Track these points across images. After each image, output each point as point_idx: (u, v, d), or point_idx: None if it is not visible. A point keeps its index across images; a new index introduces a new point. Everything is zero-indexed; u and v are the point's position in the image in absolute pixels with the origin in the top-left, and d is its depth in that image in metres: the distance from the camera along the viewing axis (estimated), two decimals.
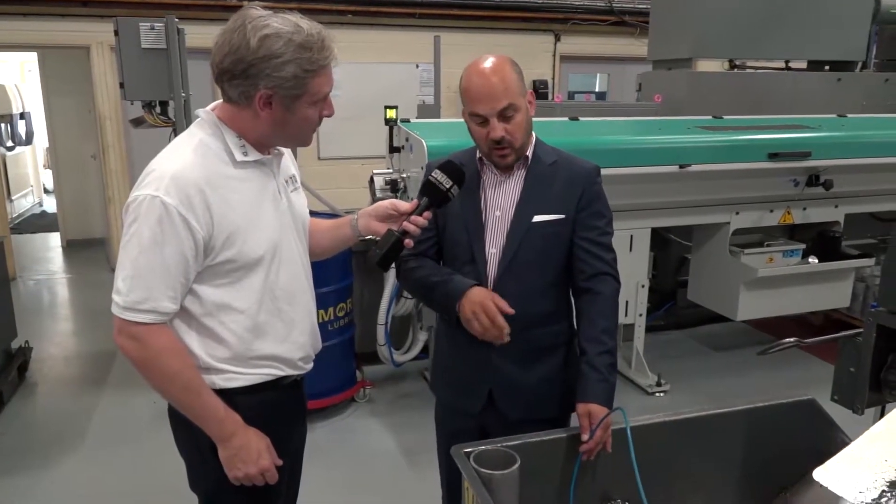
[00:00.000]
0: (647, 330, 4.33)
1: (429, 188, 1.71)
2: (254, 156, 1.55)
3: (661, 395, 4.14)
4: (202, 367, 1.54)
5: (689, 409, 1.90)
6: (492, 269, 1.87)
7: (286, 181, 1.68)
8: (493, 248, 1.87)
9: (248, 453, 1.55)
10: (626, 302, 4.07)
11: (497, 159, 1.83)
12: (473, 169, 1.90)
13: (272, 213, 1.59)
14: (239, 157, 1.52)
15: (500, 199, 1.88)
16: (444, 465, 2.14)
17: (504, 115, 1.75)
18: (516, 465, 1.59)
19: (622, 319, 4.13)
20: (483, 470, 1.55)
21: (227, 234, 1.49)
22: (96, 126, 6.73)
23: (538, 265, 1.86)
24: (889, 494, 1.65)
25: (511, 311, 1.74)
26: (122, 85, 3.90)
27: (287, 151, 1.71)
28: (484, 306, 1.74)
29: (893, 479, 1.67)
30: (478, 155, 1.90)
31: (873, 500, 1.67)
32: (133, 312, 1.44)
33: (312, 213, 4.22)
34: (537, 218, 1.84)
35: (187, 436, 1.61)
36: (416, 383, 4.28)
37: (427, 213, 1.70)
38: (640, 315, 4.16)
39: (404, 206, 1.72)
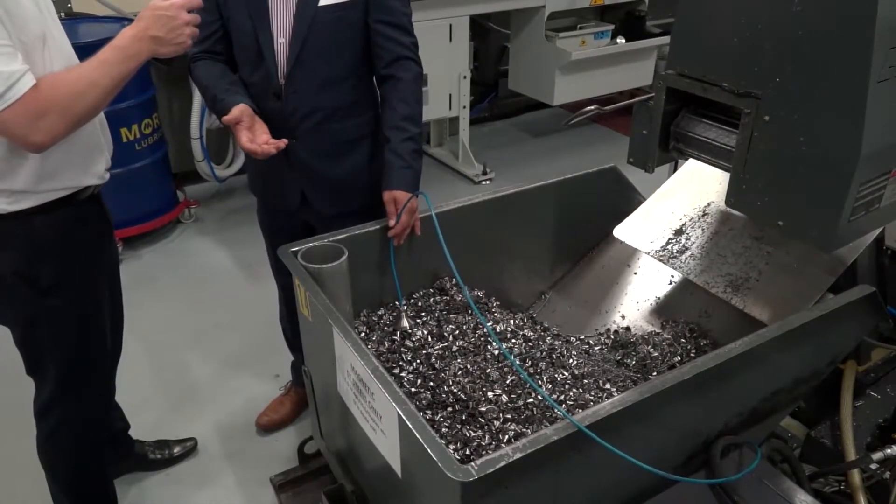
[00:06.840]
0: (472, 122, 4.41)
1: None
2: None
3: (487, 182, 4.34)
4: None
5: (507, 187, 2.00)
6: (282, 61, 1.74)
7: None
8: (282, 38, 1.72)
9: (160, 24, 1.36)
10: (450, 95, 4.08)
11: None
12: None
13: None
14: None
15: None
16: (275, 268, 2.14)
17: None
18: (344, 257, 1.61)
19: (446, 113, 4.17)
20: (311, 265, 1.56)
21: None
22: None
23: (331, 54, 1.75)
24: (674, 240, 1.89)
25: (280, 144, 1.64)
26: None
27: None
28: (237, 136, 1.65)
29: (677, 227, 1.91)
30: None
31: (661, 247, 1.91)
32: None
33: (97, 19, 3.62)
34: (324, 1, 1.70)
35: None
36: (246, 197, 4.09)
37: None
38: (464, 107, 4.20)
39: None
